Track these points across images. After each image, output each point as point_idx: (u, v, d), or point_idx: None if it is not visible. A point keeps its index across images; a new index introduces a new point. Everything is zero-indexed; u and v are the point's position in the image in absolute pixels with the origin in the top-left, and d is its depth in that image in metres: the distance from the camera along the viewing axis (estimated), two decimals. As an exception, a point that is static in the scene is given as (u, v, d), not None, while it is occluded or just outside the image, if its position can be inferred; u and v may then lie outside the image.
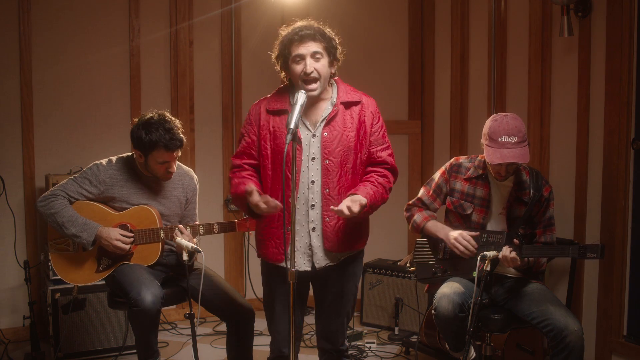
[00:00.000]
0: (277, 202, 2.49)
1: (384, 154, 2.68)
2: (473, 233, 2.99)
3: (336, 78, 2.70)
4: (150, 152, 3.01)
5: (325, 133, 2.58)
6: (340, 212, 2.46)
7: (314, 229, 2.62)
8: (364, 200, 2.51)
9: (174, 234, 3.01)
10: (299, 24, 2.60)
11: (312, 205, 2.60)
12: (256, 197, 2.50)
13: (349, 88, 2.69)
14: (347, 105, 2.63)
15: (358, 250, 2.76)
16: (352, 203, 2.47)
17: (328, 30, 2.61)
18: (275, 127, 2.61)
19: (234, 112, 4.73)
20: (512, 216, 3.02)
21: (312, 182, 2.59)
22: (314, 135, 2.60)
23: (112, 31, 4.34)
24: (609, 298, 3.39)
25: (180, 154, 3.10)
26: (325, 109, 2.62)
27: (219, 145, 4.72)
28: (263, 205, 2.50)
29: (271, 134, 2.61)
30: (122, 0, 4.34)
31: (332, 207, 2.50)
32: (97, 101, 4.32)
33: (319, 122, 2.60)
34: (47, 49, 4.16)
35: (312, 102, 2.60)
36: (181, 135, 3.05)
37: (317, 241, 2.63)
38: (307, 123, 2.61)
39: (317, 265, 2.64)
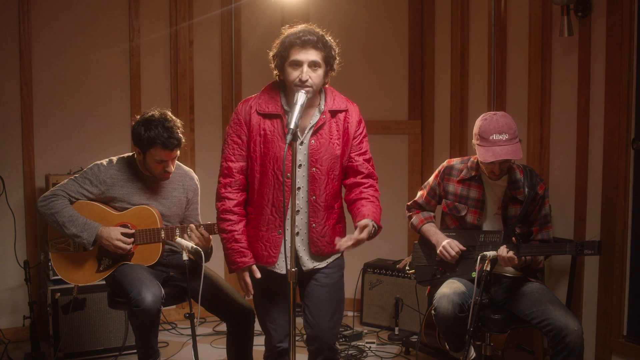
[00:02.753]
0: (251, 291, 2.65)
1: (361, 159, 2.67)
2: (462, 247, 3.02)
3: (326, 86, 2.66)
4: (148, 150, 3.01)
5: (313, 141, 2.57)
6: (347, 245, 2.50)
7: (297, 233, 2.62)
8: (369, 223, 2.52)
9: (188, 233, 3.01)
10: (302, 27, 2.55)
11: (298, 211, 2.60)
12: (248, 280, 2.63)
13: (336, 94, 2.67)
14: (334, 113, 2.62)
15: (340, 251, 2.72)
16: (359, 233, 2.50)
17: (329, 39, 2.56)
18: (267, 131, 2.57)
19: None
20: (507, 215, 3.02)
21: (298, 188, 2.59)
22: (301, 143, 2.58)
23: (112, 31, 4.34)
24: (609, 298, 3.39)
25: (178, 154, 3.10)
26: (313, 116, 2.60)
27: (219, 145, 4.70)
28: (249, 288, 2.64)
29: (262, 137, 2.57)
30: (122, 0, 4.34)
31: (337, 242, 2.53)
32: (97, 101, 4.32)
33: (306, 129, 2.58)
34: (47, 49, 4.16)
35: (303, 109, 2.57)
36: (180, 135, 3.04)
37: (301, 245, 2.64)
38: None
39: (304, 268, 2.65)
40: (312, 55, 2.49)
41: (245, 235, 2.64)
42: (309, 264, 2.66)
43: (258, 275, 2.63)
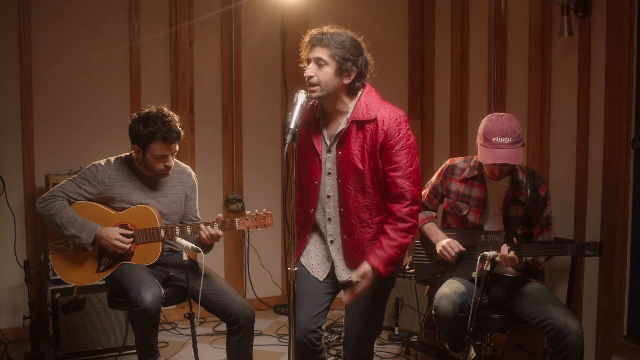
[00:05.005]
0: None
1: (394, 175, 2.50)
2: (462, 248, 3.01)
3: (362, 90, 2.58)
4: (148, 146, 3.00)
5: (340, 152, 2.55)
6: (350, 297, 2.50)
7: (332, 242, 2.63)
8: (367, 270, 2.46)
9: (199, 230, 3.00)
10: (317, 29, 2.54)
11: (329, 219, 2.61)
12: None
13: (371, 100, 2.55)
14: (360, 124, 2.52)
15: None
16: (360, 280, 2.47)
17: (349, 39, 2.50)
18: (303, 136, 2.62)
19: (234, 112, 4.73)
20: (509, 216, 3.02)
21: (328, 196, 2.59)
22: (329, 151, 2.58)
23: (112, 31, 4.34)
24: (609, 298, 3.39)
25: (177, 148, 3.10)
26: (341, 124, 2.56)
27: (219, 145, 4.72)
28: None
29: (301, 143, 2.64)
30: (122, 0, 4.34)
31: (345, 297, 2.53)
32: (97, 101, 4.32)
33: (333, 137, 2.58)
34: (47, 49, 4.16)
35: (330, 115, 2.59)
36: (179, 128, 3.04)
37: (337, 254, 2.63)
38: (326, 136, 2.59)
39: (339, 279, 2.64)
40: (317, 52, 2.49)
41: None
42: (344, 275, 2.63)
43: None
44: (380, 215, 2.57)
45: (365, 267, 2.48)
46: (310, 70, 2.49)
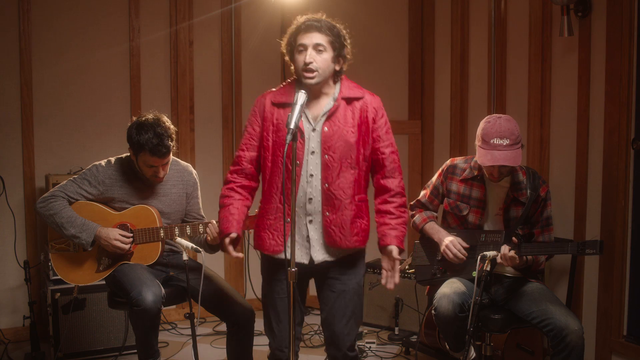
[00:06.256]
0: (240, 256, 2.68)
1: (387, 151, 2.66)
2: (465, 245, 3.01)
3: (342, 77, 2.68)
4: (138, 153, 3.01)
5: (326, 128, 2.57)
6: (394, 281, 2.70)
7: (310, 221, 2.61)
8: (394, 251, 2.64)
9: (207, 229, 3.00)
10: (310, 15, 2.61)
11: (310, 199, 2.59)
12: (232, 251, 2.67)
13: (352, 85, 2.67)
14: (349, 100, 2.61)
15: (358, 249, 2.70)
16: (392, 271, 2.69)
17: (338, 26, 2.60)
18: (279, 120, 2.60)
19: (234, 112, 4.73)
20: (509, 217, 3.02)
21: (311, 175, 2.58)
22: (314, 129, 2.59)
23: (112, 31, 4.34)
24: (609, 298, 3.39)
25: (170, 160, 3.09)
26: (327, 104, 2.61)
27: (219, 145, 4.72)
28: (232, 255, 2.67)
29: (274, 126, 2.61)
30: (122, 0, 4.34)
31: (384, 283, 2.71)
32: (97, 101, 4.32)
33: (319, 116, 2.59)
34: (47, 49, 4.16)
35: (315, 96, 2.60)
36: (170, 142, 3.00)
37: (314, 234, 2.61)
38: (309, 116, 2.61)
39: (314, 259, 2.62)
40: (315, 38, 2.52)
41: (240, 211, 2.68)
42: (319, 255, 2.62)
43: (234, 254, 2.67)
44: (363, 195, 2.66)
45: (391, 249, 2.63)
46: (311, 56, 2.52)
